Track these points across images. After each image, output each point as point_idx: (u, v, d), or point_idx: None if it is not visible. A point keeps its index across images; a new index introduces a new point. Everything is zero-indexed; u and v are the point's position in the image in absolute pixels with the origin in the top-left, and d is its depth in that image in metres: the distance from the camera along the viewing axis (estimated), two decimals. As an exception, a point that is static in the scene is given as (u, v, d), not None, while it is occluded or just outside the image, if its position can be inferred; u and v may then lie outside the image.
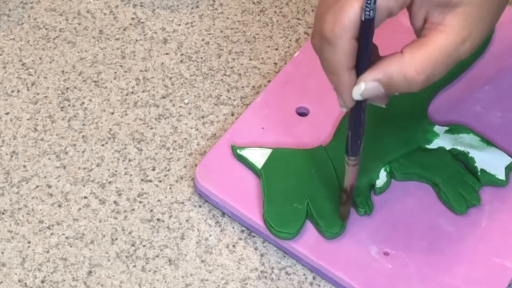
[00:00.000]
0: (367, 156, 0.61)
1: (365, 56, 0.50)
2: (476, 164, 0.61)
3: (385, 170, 0.61)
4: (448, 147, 0.62)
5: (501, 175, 0.61)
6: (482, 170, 0.61)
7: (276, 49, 0.70)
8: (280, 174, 0.61)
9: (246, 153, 0.62)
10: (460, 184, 0.60)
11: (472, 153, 0.61)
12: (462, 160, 0.62)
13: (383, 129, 0.62)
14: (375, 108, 0.64)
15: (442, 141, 0.62)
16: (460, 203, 0.60)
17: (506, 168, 0.61)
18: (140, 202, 0.62)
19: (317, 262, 0.58)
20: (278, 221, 0.59)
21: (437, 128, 0.63)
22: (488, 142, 0.62)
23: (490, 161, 0.61)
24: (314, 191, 0.60)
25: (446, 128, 0.63)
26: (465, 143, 0.62)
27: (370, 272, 0.58)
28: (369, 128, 0.63)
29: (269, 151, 0.62)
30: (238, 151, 0.62)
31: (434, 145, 0.62)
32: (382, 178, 0.61)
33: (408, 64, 0.49)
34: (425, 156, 0.61)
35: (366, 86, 0.50)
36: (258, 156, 0.62)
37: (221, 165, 0.62)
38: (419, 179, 0.61)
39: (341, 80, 0.50)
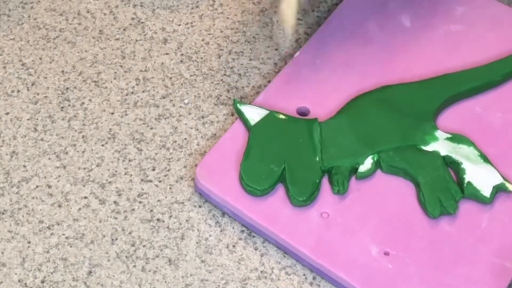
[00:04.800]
0: (359, 139, 0.62)
1: None
2: (465, 176, 0.60)
3: (373, 158, 0.61)
4: (443, 153, 0.62)
5: (486, 192, 0.60)
6: (469, 183, 0.60)
7: (276, 49, 0.70)
8: (268, 135, 0.62)
9: (244, 108, 0.63)
10: (440, 189, 0.60)
11: (465, 165, 0.61)
12: (454, 169, 0.61)
13: (384, 120, 0.63)
14: (382, 101, 0.64)
15: (439, 145, 0.62)
16: (434, 207, 0.59)
17: (494, 187, 0.60)
18: (140, 202, 0.62)
19: (317, 262, 0.58)
20: (251, 176, 0.60)
21: (438, 133, 0.62)
22: (486, 158, 0.61)
23: (480, 176, 0.60)
24: (295, 158, 0.61)
25: (448, 135, 0.62)
26: (462, 153, 0.62)
27: (370, 272, 0.58)
28: (371, 117, 0.63)
29: (266, 112, 0.63)
30: (238, 105, 0.63)
31: (429, 147, 0.62)
32: (366, 164, 0.61)
33: None
34: (416, 155, 0.61)
35: None
36: (255, 114, 0.63)
37: (221, 165, 0.62)
38: (404, 176, 0.61)
39: None
